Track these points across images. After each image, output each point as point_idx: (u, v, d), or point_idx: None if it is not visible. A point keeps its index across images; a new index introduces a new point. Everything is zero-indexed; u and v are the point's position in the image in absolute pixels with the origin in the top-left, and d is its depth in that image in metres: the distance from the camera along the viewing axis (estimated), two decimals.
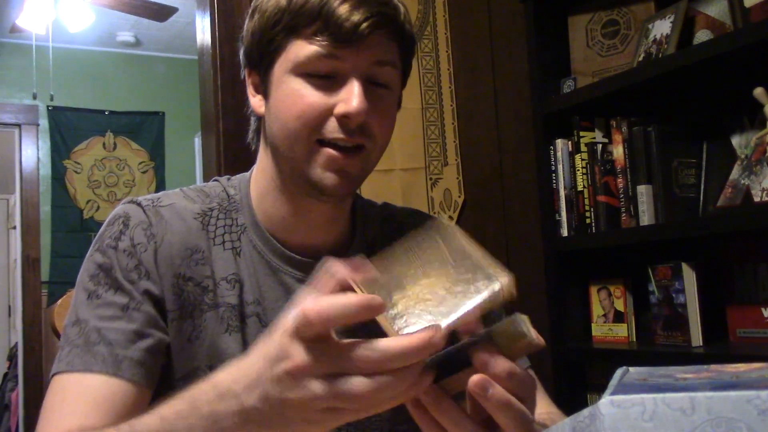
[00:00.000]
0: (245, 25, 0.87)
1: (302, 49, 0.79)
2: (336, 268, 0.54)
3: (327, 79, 0.80)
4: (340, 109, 0.78)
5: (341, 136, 0.79)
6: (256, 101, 0.88)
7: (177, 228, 0.84)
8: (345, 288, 0.53)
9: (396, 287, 0.56)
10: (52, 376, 0.79)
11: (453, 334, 0.53)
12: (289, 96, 0.81)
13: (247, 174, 0.93)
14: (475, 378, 0.53)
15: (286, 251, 0.87)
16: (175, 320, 0.82)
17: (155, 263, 0.82)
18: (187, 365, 0.82)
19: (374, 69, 0.81)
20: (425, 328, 0.51)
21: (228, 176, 0.95)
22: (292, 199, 0.87)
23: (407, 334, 0.51)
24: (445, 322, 0.51)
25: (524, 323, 0.55)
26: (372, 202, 1.00)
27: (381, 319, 0.52)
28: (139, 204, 0.85)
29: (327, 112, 0.79)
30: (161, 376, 0.81)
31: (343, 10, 0.77)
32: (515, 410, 0.54)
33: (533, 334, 0.54)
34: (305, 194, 0.84)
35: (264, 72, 0.85)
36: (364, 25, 0.77)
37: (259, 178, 0.90)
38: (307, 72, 0.80)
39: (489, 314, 0.58)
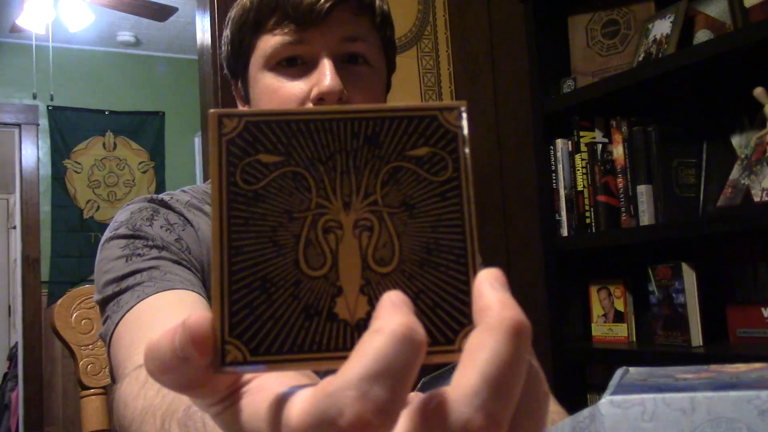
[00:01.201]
0: (222, 39, 0.87)
1: (268, 42, 0.79)
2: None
3: (299, 67, 0.79)
4: (314, 92, 0.77)
5: None
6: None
7: (204, 220, 0.84)
8: None
9: (311, 290, 0.29)
10: (119, 322, 0.70)
11: None
12: (265, 91, 0.80)
13: None
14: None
15: None
16: None
17: (195, 243, 0.80)
18: None
19: (345, 46, 0.79)
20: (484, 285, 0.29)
21: None
22: None
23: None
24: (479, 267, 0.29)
25: None
26: None
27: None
28: (160, 200, 0.84)
29: (304, 99, 0.78)
30: None
31: None
32: None
33: None
34: None
35: (243, 77, 0.85)
36: (322, 1, 0.76)
37: None
38: (277, 63, 0.79)
39: None
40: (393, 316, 0.24)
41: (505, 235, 2.07)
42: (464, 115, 0.29)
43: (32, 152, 4.80)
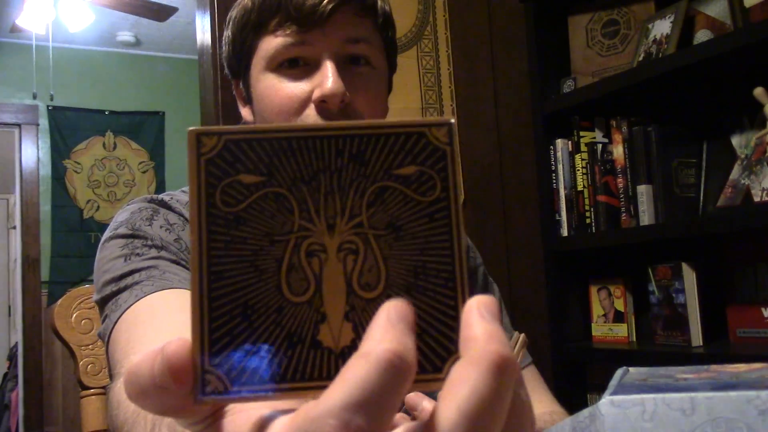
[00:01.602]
0: (223, 39, 0.87)
1: (270, 43, 0.79)
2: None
3: (301, 68, 0.79)
4: (316, 93, 0.76)
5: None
6: (245, 112, 0.88)
7: None
8: None
9: (293, 316, 0.28)
10: (117, 321, 0.70)
11: None
12: (267, 93, 0.80)
13: None
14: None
15: None
16: None
17: None
18: None
19: (347, 47, 0.79)
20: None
21: None
22: None
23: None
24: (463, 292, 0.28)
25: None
26: None
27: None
28: (160, 201, 0.84)
29: (306, 101, 0.78)
30: None
31: None
32: None
33: None
34: None
35: (244, 78, 0.85)
36: (324, 3, 0.75)
37: None
38: (279, 65, 0.79)
39: None
40: (383, 337, 0.23)
41: (505, 235, 2.07)
42: (454, 131, 0.27)
43: (32, 152, 4.80)
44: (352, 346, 0.26)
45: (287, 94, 0.78)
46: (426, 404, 0.51)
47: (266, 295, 0.26)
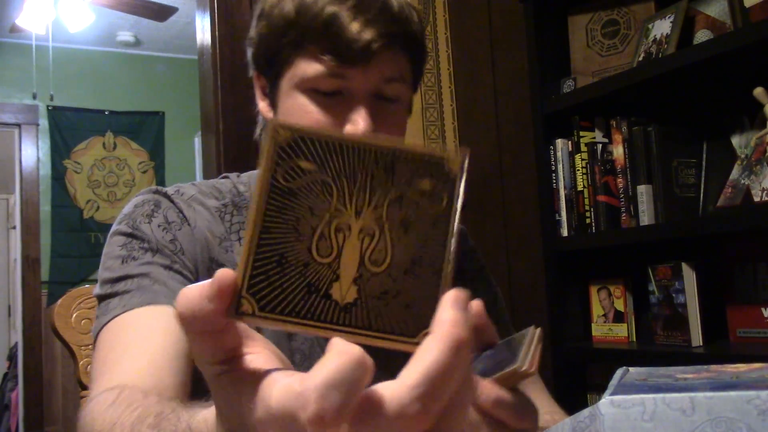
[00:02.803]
0: (252, 27, 0.86)
1: (309, 66, 0.78)
2: (185, 314, 0.34)
3: (334, 97, 0.79)
4: (347, 130, 0.78)
5: None
6: (264, 106, 0.88)
7: (205, 216, 0.85)
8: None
9: (314, 271, 0.36)
10: (103, 326, 0.74)
11: None
12: (296, 112, 0.80)
13: (255, 171, 0.94)
14: None
15: None
16: None
17: (190, 243, 0.81)
18: None
19: (382, 87, 0.80)
20: (443, 311, 0.33)
21: (237, 173, 0.95)
22: None
23: (430, 338, 0.33)
24: (446, 287, 0.35)
25: (524, 345, 0.47)
26: None
27: (334, 331, 0.35)
28: (165, 194, 0.85)
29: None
30: None
31: (352, 29, 0.75)
32: None
33: (526, 361, 0.46)
34: None
35: (271, 80, 0.84)
36: (374, 46, 0.75)
37: None
38: (313, 88, 0.79)
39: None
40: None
41: (505, 235, 2.07)
42: (466, 164, 0.35)
43: (32, 152, 4.80)
44: (354, 303, 0.34)
45: (317, 122, 0.79)
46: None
47: (299, 251, 0.34)
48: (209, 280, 0.32)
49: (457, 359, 0.31)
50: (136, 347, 0.70)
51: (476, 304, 0.50)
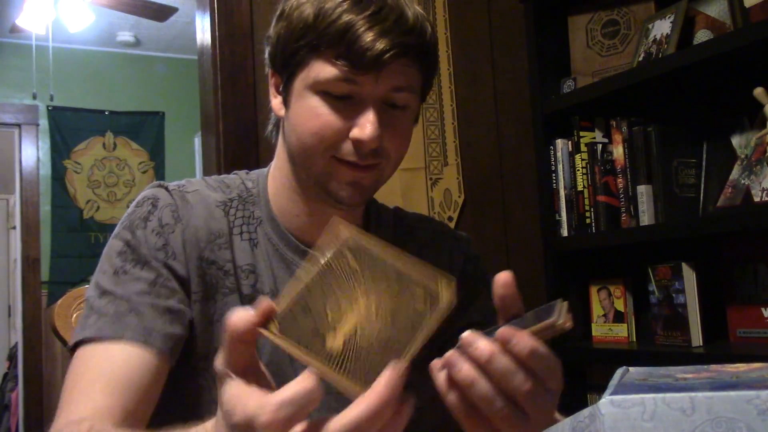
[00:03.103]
0: (271, 26, 0.88)
1: (323, 69, 0.81)
2: (234, 322, 0.51)
3: (344, 101, 0.82)
4: (354, 133, 0.81)
5: (354, 159, 0.82)
6: (276, 102, 0.90)
7: (201, 213, 0.87)
8: (253, 337, 0.51)
9: (323, 323, 0.51)
10: (76, 343, 0.80)
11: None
12: (307, 112, 0.83)
13: (264, 169, 0.96)
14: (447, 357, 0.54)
15: (300, 245, 0.90)
16: (198, 301, 0.85)
17: (182, 244, 0.85)
18: (208, 346, 0.85)
19: (392, 95, 0.82)
20: (384, 376, 0.47)
21: (246, 170, 0.98)
22: (307, 200, 0.90)
23: (368, 392, 0.47)
24: (397, 363, 0.48)
25: (556, 308, 0.54)
26: (384, 206, 1.03)
27: (316, 363, 0.49)
28: (166, 188, 0.89)
29: (342, 134, 0.81)
30: (181, 352, 0.83)
31: (367, 38, 0.77)
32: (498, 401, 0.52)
33: (562, 315, 0.53)
34: (320, 199, 0.88)
35: (286, 79, 0.87)
36: (387, 55, 0.78)
37: (276, 175, 0.93)
38: (325, 91, 0.81)
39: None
40: (312, 384, 0.47)
41: (505, 235, 2.07)
42: (453, 298, 0.51)
43: (32, 152, 4.80)
44: (338, 350, 0.50)
45: (327, 122, 0.81)
46: (481, 343, 0.52)
47: (320, 308, 0.52)
48: (256, 308, 0.51)
49: (382, 410, 0.46)
50: (97, 386, 0.76)
51: (505, 276, 0.59)
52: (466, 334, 0.53)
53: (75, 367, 0.79)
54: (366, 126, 0.80)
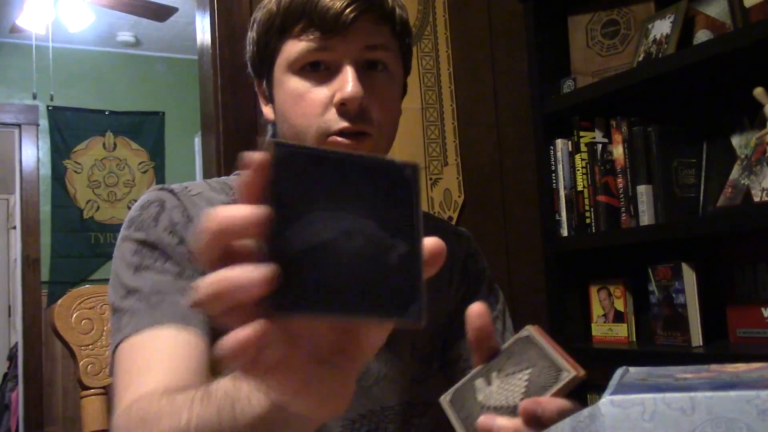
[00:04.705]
0: (247, 39, 0.90)
1: (294, 47, 0.82)
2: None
3: (322, 72, 0.83)
4: (337, 97, 0.81)
5: (344, 124, 0.82)
6: (267, 111, 0.91)
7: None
8: None
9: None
10: (117, 345, 0.77)
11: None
12: (290, 95, 0.84)
13: None
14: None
15: None
16: None
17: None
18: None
19: (366, 54, 0.83)
20: None
21: None
22: None
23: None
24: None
25: (549, 351, 0.58)
26: None
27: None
28: (171, 191, 0.87)
29: (328, 104, 0.82)
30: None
31: (324, 1, 0.79)
32: None
33: (572, 366, 0.57)
34: None
35: (267, 78, 0.88)
36: (347, 11, 0.79)
37: None
38: (301, 68, 0.83)
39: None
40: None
41: (505, 235, 2.07)
42: (419, 172, 0.42)
43: (32, 152, 4.80)
44: None
45: (310, 98, 0.82)
46: (500, 422, 0.54)
47: None
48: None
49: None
50: (153, 366, 0.73)
51: (478, 306, 0.55)
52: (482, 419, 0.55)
53: (121, 362, 0.76)
54: (345, 85, 0.80)
